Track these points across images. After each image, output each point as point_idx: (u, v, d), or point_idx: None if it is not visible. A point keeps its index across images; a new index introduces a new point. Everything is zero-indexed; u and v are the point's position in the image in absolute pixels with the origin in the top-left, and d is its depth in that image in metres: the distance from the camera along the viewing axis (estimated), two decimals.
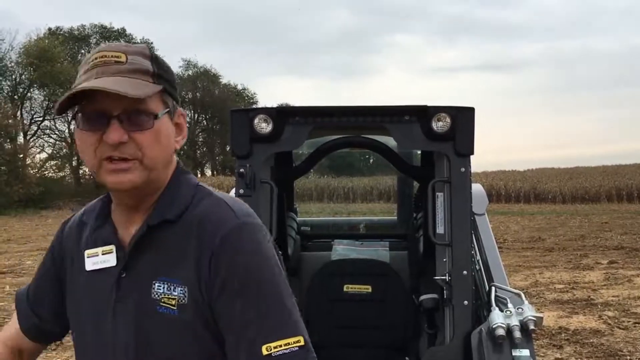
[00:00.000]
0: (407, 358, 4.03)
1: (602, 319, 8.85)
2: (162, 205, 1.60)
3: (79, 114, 1.50)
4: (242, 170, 3.36)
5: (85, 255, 1.66)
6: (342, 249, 4.69)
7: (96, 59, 1.51)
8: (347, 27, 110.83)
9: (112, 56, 1.51)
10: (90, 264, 1.64)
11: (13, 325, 1.88)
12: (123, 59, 1.51)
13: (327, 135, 3.98)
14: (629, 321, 8.67)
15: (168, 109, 1.56)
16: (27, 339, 1.85)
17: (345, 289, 4.26)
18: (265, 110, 3.39)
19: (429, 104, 3.33)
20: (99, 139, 1.49)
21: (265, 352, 1.46)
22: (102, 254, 1.63)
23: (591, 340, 7.78)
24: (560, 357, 7.19)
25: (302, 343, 1.49)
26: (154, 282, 1.55)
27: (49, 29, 50.11)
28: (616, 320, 8.71)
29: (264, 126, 3.35)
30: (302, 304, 4.28)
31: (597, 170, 49.80)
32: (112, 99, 1.45)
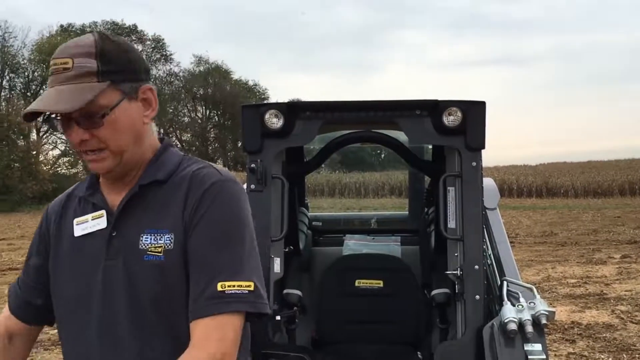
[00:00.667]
0: (419, 353, 4.03)
1: (615, 313, 8.80)
2: (151, 169, 1.79)
3: (50, 120, 1.71)
4: (253, 165, 3.37)
5: (75, 222, 1.83)
6: (353, 244, 4.69)
7: (51, 66, 1.69)
8: (355, 24, 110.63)
9: (60, 64, 1.66)
10: (80, 230, 1.81)
11: (3, 313, 2.00)
12: (70, 64, 1.65)
13: (338, 131, 3.98)
14: None
15: (123, 97, 1.70)
16: (18, 320, 1.95)
17: (357, 284, 4.27)
18: (276, 106, 3.39)
19: (440, 98, 3.32)
20: (70, 138, 1.71)
21: (219, 289, 1.65)
22: (92, 219, 1.80)
23: (604, 335, 7.74)
24: (572, 351, 7.16)
25: (251, 288, 1.68)
26: (141, 235, 1.72)
27: (61, 26, 50.42)
28: (629, 315, 8.67)
29: (274, 121, 3.36)
30: (314, 298, 4.30)
31: (610, 165, 49.49)
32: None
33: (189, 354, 1.63)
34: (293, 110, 3.37)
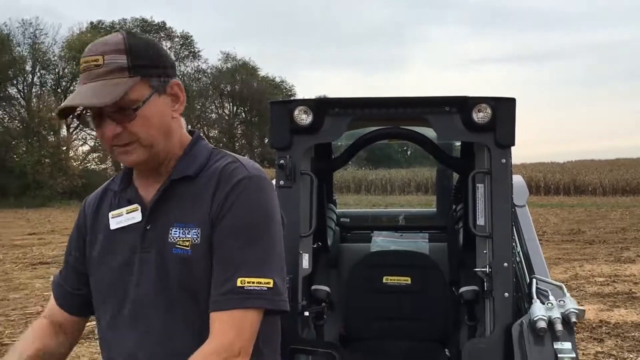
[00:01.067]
0: (446, 350, 4.03)
1: None
2: (182, 165, 1.85)
3: (82, 116, 1.79)
4: (282, 161, 3.37)
5: (110, 216, 1.90)
6: (381, 241, 4.69)
7: (82, 63, 1.74)
8: (381, 20, 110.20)
9: (92, 61, 1.72)
10: (115, 223, 1.89)
11: (52, 302, 2.09)
12: (100, 61, 1.71)
13: (366, 127, 3.98)
14: None
15: (153, 91, 1.76)
16: (63, 311, 2.04)
17: (384, 281, 4.27)
18: (305, 102, 3.39)
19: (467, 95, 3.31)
20: (102, 133, 1.76)
21: (239, 284, 1.70)
22: (127, 213, 1.88)
23: (633, 334, 7.68)
24: (601, 350, 7.11)
25: (270, 285, 1.72)
26: (170, 228, 1.79)
27: (91, 23, 50.84)
28: None
29: (303, 117, 3.36)
30: (342, 295, 4.31)
31: (638, 162, 48.89)
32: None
33: (207, 345, 1.69)
34: (322, 106, 3.37)
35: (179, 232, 1.78)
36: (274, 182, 3.51)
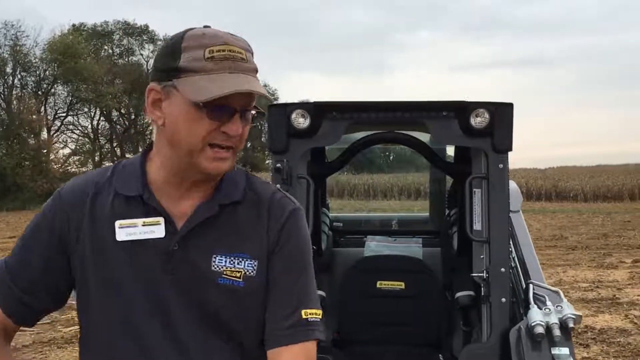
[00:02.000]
0: (440, 355, 4.03)
1: (629, 318, 8.79)
2: (227, 187, 1.72)
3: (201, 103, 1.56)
4: (279, 165, 3.36)
5: (117, 225, 1.66)
6: (375, 245, 4.69)
7: (223, 50, 1.58)
8: (370, 24, 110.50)
9: (237, 52, 1.59)
10: (124, 235, 1.66)
11: None
12: (245, 56, 1.60)
13: (360, 131, 3.97)
14: None
15: None
16: (9, 320, 1.74)
17: (378, 285, 4.27)
18: (303, 105, 3.39)
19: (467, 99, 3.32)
20: (215, 128, 1.58)
21: (304, 316, 1.68)
22: (143, 225, 1.66)
23: (618, 340, 7.73)
24: (587, 356, 7.15)
25: (320, 316, 1.73)
26: (214, 256, 1.66)
27: (73, 25, 50.35)
28: None
29: (301, 121, 3.35)
30: (335, 299, 4.29)
31: (620, 169, 49.29)
32: (238, 95, 1.56)
33: None
34: (320, 110, 3.36)
35: (225, 262, 1.66)
36: None
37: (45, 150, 42.22)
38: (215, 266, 1.66)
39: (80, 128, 49.04)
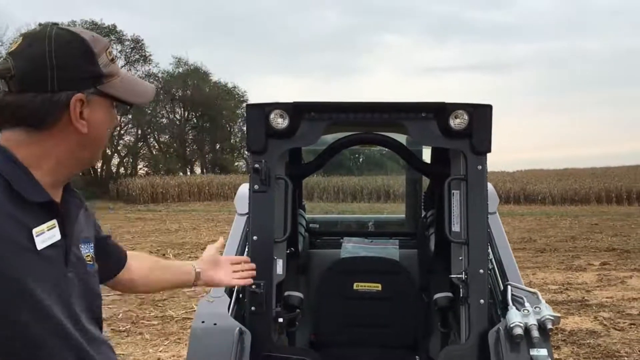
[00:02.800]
0: (417, 357, 4.02)
1: (598, 319, 8.87)
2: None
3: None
4: (257, 165, 3.33)
5: (34, 233, 1.56)
6: (351, 247, 4.67)
7: (111, 51, 1.69)
8: (337, 27, 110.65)
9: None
10: (40, 242, 1.57)
11: None
12: None
13: (338, 132, 3.95)
14: (625, 322, 8.69)
15: None
16: None
17: (355, 287, 4.25)
18: (282, 105, 3.35)
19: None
20: (117, 120, 1.76)
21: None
22: (48, 230, 1.59)
23: (588, 341, 7.79)
24: (558, 357, 7.19)
25: None
26: (80, 245, 1.73)
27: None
28: (612, 322, 8.73)
29: (279, 121, 3.32)
30: (312, 301, 4.27)
31: (586, 172, 49.92)
32: None
33: None
34: (298, 110, 3.34)
35: (85, 248, 1.75)
36: (245, 186, 3.45)
37: None
38: (83, 254, 1.74)
39: None
